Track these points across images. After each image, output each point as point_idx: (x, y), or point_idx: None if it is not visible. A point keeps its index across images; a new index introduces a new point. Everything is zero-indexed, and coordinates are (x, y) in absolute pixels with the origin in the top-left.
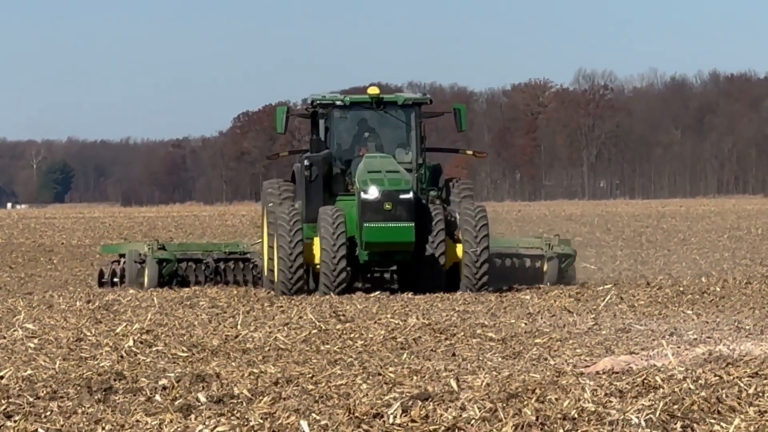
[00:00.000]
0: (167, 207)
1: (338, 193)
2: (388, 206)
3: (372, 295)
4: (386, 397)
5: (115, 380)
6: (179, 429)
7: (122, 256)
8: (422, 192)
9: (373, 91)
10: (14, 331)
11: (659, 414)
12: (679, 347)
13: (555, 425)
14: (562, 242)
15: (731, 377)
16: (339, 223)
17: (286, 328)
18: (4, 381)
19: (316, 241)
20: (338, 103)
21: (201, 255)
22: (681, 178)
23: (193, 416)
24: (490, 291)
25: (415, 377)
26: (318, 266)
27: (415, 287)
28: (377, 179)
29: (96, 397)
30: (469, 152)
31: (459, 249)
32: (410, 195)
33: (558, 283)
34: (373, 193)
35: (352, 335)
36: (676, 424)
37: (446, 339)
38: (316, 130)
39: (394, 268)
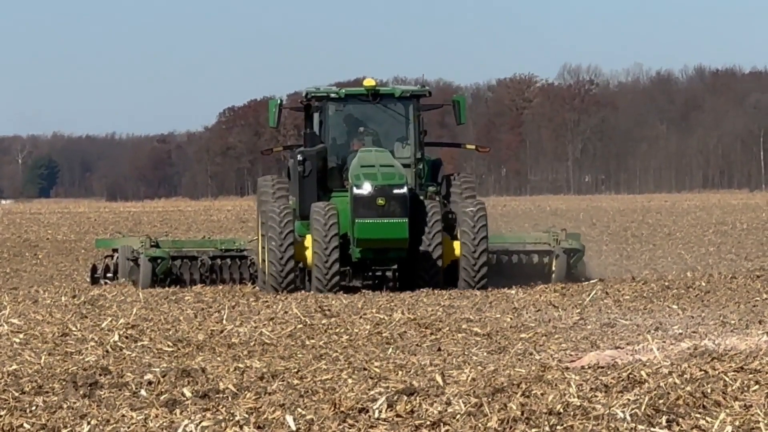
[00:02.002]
0: (153, 202)
1: (333, 189)
2: (381, 201)
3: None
4: (372, 392)
5: (100, 375)
6: (165, 424)
7: (116, 250)
8: (421, 187)
9: (369, 83)
10: None
11: (644, 408)
12: (664, 342)
13: (540, 420)
14: (570, 236)
15: (716, 372)
16: (331, 219)
17: (271, 323)
18: None
19: (309, 238)
20: (333, 95)
21: (196, 252)
22: (666, 173)
23: (178, 411)
24: (495, 289)
25: (400, 372)
26: (310, 264)
27: (412, 285)
28: (370, 174)
29: (81, 392)
30: (471, 147)
31: (457, 246)
32: (404, 190)
33: (567, 280)
34: (365, 188)
35: (337, 330)
36: (661, 418)
37: (432, 334)
38: (310, 123)
39: (395, 266)
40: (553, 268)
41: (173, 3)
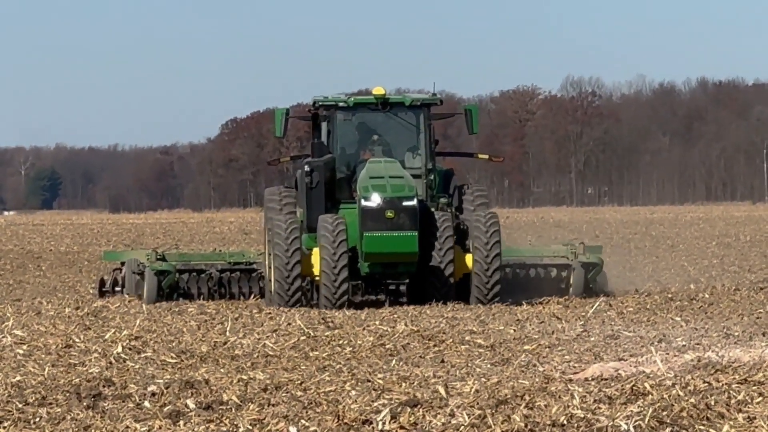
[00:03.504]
0: (155, 214)
1: (342, 201)
2: (390, 214)
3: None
4: (375, 404)
5: (104, 386)
6: None
7: (124, 264)
8: (432, 199)
9: (379, 91)
10: (3, 337)
11: (648, 420)
12: (667, 354)
13: (544, 431)
14: (588, 249)
15: (720, 384)
16: (340, 233)
17: (274, 334)
18: None
19: (316, 251)
20: (342, 104)
21: (204, 266)
22: (669, 185)
23: (182, 422)
24: (508, 303)
25: (403, 384)
26: (318, 278)
27: (423, 300)
28: (379, 185)
29: (85, 404)
30: (484, 156)
31: (469, 259)
32: (414, 202)
33: (585, 295)
34: (374, 200)
35: (340, 342)
36: (665, 430)
37: (435, 345)
38: (318, 133)
39: (407, 281)
40: (571, 282)
41: (176, 15)
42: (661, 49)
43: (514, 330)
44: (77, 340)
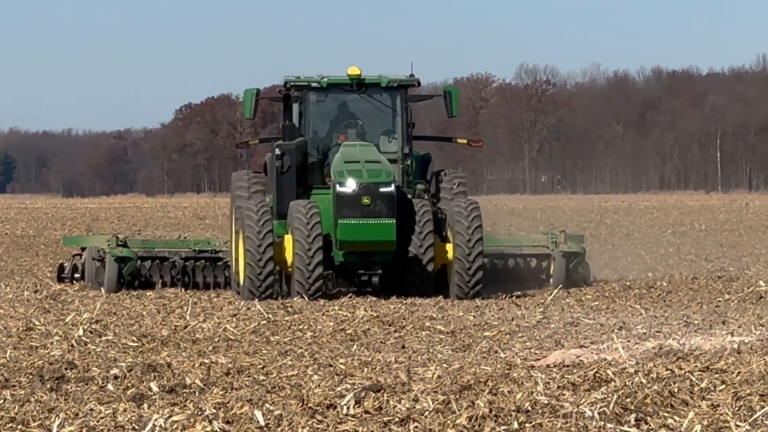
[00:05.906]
0: (109, 198)
1: (314, 186)
2: (366, 201)
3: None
4: (338, 388)
5: (66, 369)
6: (134, 418)
7: (84, 249)
8: (409, 185)
9: (354, 71)
10: None
11: (613, 407)
12: (628, 341)
13: (509, 418)
14: (570, 238)
15: (683, 371)
16: (314, 219)
17: (234, 318)
18: None
19: (288, 239)
20: (314, 84)
21: (167, 253)
22: (623, 174)
23: (146, 405)
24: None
25: (366, 369)
26: (290, 268)
27: (398, 291)
28: (355, 170)
29: (48, 386)
30: (463, 141)
31: (449, 248)
32: (392, 188)
33: (567, 285)
34: (349, 185)
35: (301, 327)
36: (629, 417)
37: (395, 331)
38: (289, 115)
39: (380, 272)
40: (551, 272)
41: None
42: (616, 38)
43: (474, 316)
44: (38, 323)
